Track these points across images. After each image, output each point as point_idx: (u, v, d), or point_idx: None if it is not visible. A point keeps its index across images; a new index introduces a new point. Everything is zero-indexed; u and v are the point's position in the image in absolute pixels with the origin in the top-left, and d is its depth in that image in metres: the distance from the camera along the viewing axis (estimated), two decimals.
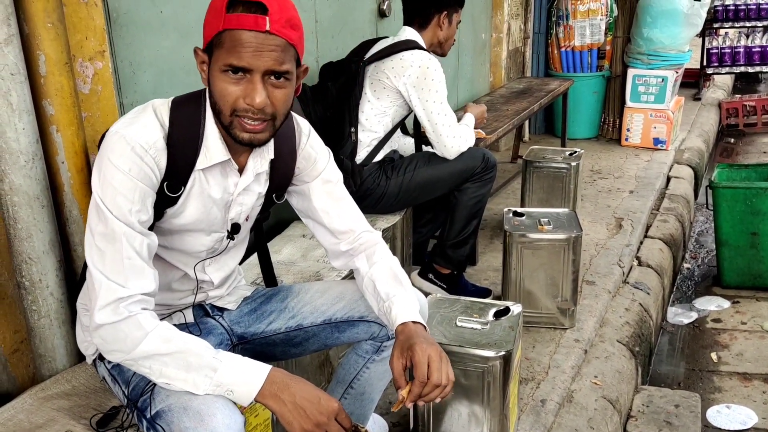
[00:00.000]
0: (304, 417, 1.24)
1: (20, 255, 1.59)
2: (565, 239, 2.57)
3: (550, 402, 2.23)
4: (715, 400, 2.68)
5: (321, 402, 1.25)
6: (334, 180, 1.59)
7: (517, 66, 5.37)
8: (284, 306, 1.63)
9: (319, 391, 1.27)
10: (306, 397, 1.24)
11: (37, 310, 1.63)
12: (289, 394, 1.24)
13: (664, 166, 4.81)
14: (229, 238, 1.50)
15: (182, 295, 1.54)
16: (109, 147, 1.27)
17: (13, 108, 1.50)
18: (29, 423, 1.49)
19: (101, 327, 1.25)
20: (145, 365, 1.25)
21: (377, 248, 1.58)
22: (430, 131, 2.65)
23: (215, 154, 1.37)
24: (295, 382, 1.26)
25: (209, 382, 1.22)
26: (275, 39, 1.24)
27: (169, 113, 1.34)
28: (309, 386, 1.27)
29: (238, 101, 1.27)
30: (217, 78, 1.28)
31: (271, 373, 1.25)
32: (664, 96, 5.03)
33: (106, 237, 1.26)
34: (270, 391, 1.24)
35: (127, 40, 1.97)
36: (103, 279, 1.25)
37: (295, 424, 1.24)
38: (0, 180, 1.53)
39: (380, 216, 2.69)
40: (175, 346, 1.24)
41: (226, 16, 1.23)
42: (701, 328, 3.28)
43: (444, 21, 2.69)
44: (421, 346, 1.36)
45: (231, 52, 1.24)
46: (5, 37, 1.46)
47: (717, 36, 7.04)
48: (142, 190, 1.29)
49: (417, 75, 2.55)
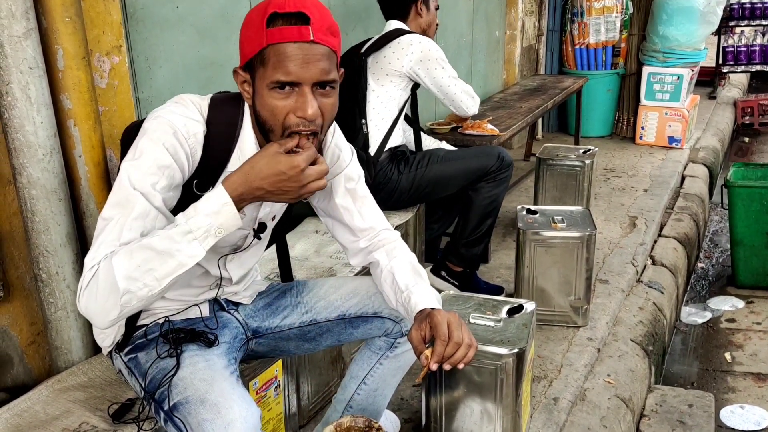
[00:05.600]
0: (286, 193, 1.25)
1: (38, 248, 1.60)
2: (579, 237, 2.56)
3: (563, 400, 2.23)
4: (729, 400, 2.66)
5: (285, 172, 1.22)
6: (356, 178, 1.59)
7: (530, 63, 5.35)
8: (299, 301, 1.63)
9: (274, 164, 1.22)
10: (271, 180, 1.22)
11: (54, 303, 1.64)
12: (260, 189, 1.23)
13: (679, 165, 4.78)
14: (255, 237, 1.51)
15: (200, 291, 1.55)
16: (152, 127, 1.27)
17: (32, 101, 1.51)
18: (45, 414, 1.50)
19: (82, 299, 1.20)
20: (139, 287, 1.18)
21: (397, 244, 1.58)
22: (444, 98, 2.81)
23: (248, 156, 1.36)
24: (253, 176, 1.23)
25: (196, 244, 1.20)
26: (320, 48, 1.24)
27: (208, 110, 1.34)
28: (265, 167, 1.23)
29: (289, 117, 1.26)
30: (265, 96, 1.26)
31: (227, 187, 1.22)
32: (679, 94, 4.99)
33: (118, 204, 1.22)
34: (243, 198, 1.24)
35: (143, 35, 1.98)
36: (90, 253, 1.20)
37: (286, 199, 1.26)
38: (18, 173, 1.54)
39: (393, 212, 2.70)
40: (140, 252, 1.17)
41: (268, 32, 1.22)
42: (715, 328, 3.26)
43: (422, 8, 2.76)
44: (439, 311, 1.36)
45: (277, 67, 1.22)
46: (24, 31, 1.47)
47: (733, 34, 6.99)
48: (173, 170, 1.27)
49: (419, 51, 2.65)
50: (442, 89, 2.75)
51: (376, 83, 2.67)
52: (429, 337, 1.35)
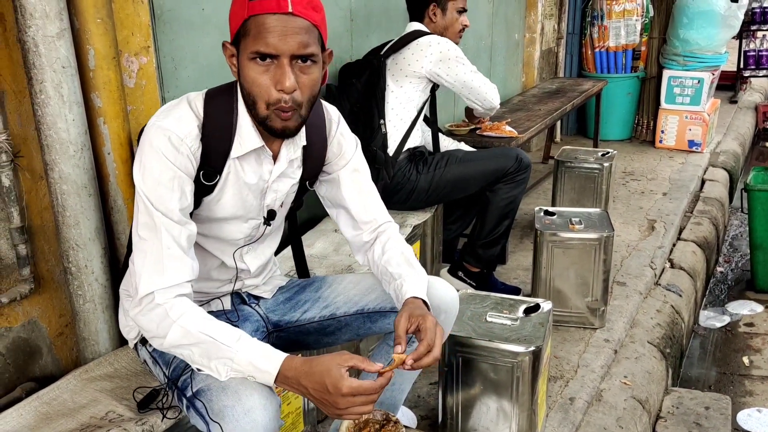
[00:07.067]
0: (324, 405, 1.26)
1: (67, 241, 1.65)
2: (597, 239, 2.57)
3: (579, 400, 2.24)
4: (746, 404, 2.65)
5: (329, 389, 1.23)
6: (361, 169, 1.63)
7: (550, 66, 5.36)
8: (318, 296, 1.67)
9: (325, 375, 1.23)
10: (315, 387, 1.24)
11: (83, 295, 1.69)
12: (302, 387, 1.26)
13: (699, 169, 4.75)
14: (265, 224, 1.55)
15: (220, 284, 1.59)
16: (148, 139, 1.33)
17: (64, 100, 1.56)
18: (73, 403, 1.55)
19: (138, 317, 1.32)
20: (178, 352, 1.32)
21: (391, 236, 1.61)
22: (469, 93, 2.80)
23: (249, 141, 1.41)
24: (304, 374, 1.25)
25: (228, 370, 1.27)
26: (299, 20, 1.28)
27: (203, 104, 1.39)
28: (316, 373, 1.24)
29: (271, 92, 1.31)
30: (246, 67, 1.31)
31: (284, 365, 1.26)
32: (699, 98, 4.97)
33: (147, 226, 1.32)
34: (285, 382, 1.27)
35: (169, 36, 2.03)
36: (143, 269, 1.31)
37: (325, 410, 1.28)
38: (50, 169, 1.59)
39: (411, 212, 2.72)
40: (194, 338, 1.28)
41: (250, 4, 1.27)
42: (733, 332, 3.24)
43: (435, 12, 2.79)
44: (432, 318, 1.39)
45: (257, 38, 1.27)
46: (58, 31, 1.52)
47: (755, 38, 6.93)
48: (180, 179, 1.34)
49: (438, 52, 2.67)
50: (466, 85, 2.75)
51: (395, 84, 2.70)
52: (412, 332, 1.38)
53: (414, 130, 2.74)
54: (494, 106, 2.89)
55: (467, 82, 2.74)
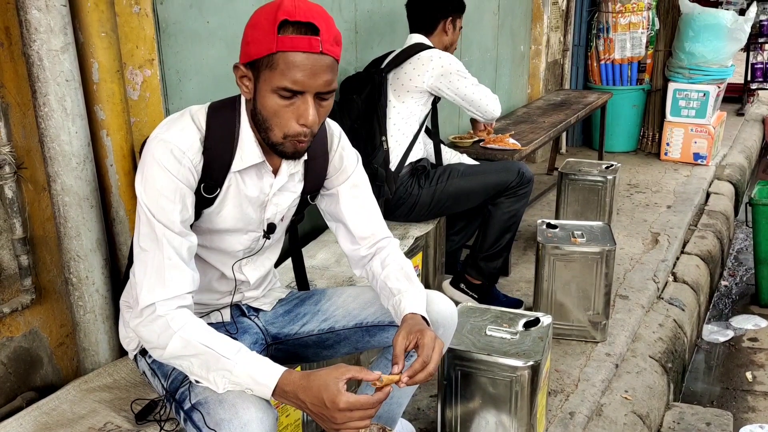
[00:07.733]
0: (321, 420, 1.27)
1: (69, 252, 1.66)
2: (599, 252, 2.57)
3: (579, 415, 2.24)
4: (748, 420, 2.64)
5: (326, 404, 1.23)
6: (361, 184, 1.64)
7: (555, 78, 5.36)
8: (317, 309, 1.67)
9: (323, 390, 1.24)
10: (313, 402, 1.24)
11: (83, 306, 1.71)
12: (300, 401, 1.26)
13: (704, 182, 4.74)
14: (265, 237, 1.56)
15: (220, 296, 1.60)
16: (150, 152, 1.35)
17: (67, 113, 1.58)
18: (72, 413, 1.56)
19: (139, 327, 1.33)
20: (177, 363, 1.33)
21: (391, 251, 1.62)
22: (470, 106, 2.81)
23: (250, 156, 1.43)
24: (302, 388, 1.25)
25: (227, 382, 1.27)
26: (326, 59, 1.29)
27: (206, 118, 1.41)
28: (314, 388, 1.24)
29: (291, 125, 1.33)
30: (268, 98, 1.32)
31: (282, 379, 1.26)
32: (705, 111, 4.96)
33: (149, 238, 1.34)
34: (283, 396, 1.27)
35: (174, 49, 2.05)
36: (144, 280, 1.32)
37: (323, 425, 1.28)
38: (53, 180, 1.61)
39: (414, 224, 2.73)
40: (195, 349, 1.28)
41: (279, 38, 1.26)
42: (737, 347, 3.23)
43: (450, 26, 2.80)
44: (430, 333, 1.39)
45: (285, 74, 1.27)
46: (62, 45, 1.55)
47: (762, 51, 6.92)
48: (181, 191, 1.35)
49: (440, 66, 2.68)
50: (467, 98, 2.76)
51: (396, 99, 2.70)
52: (411, 348, 1.38)
53: (416, 144, 2.75)
54: (495, 117, 2.91)
55: (468, 95, 2.75)
